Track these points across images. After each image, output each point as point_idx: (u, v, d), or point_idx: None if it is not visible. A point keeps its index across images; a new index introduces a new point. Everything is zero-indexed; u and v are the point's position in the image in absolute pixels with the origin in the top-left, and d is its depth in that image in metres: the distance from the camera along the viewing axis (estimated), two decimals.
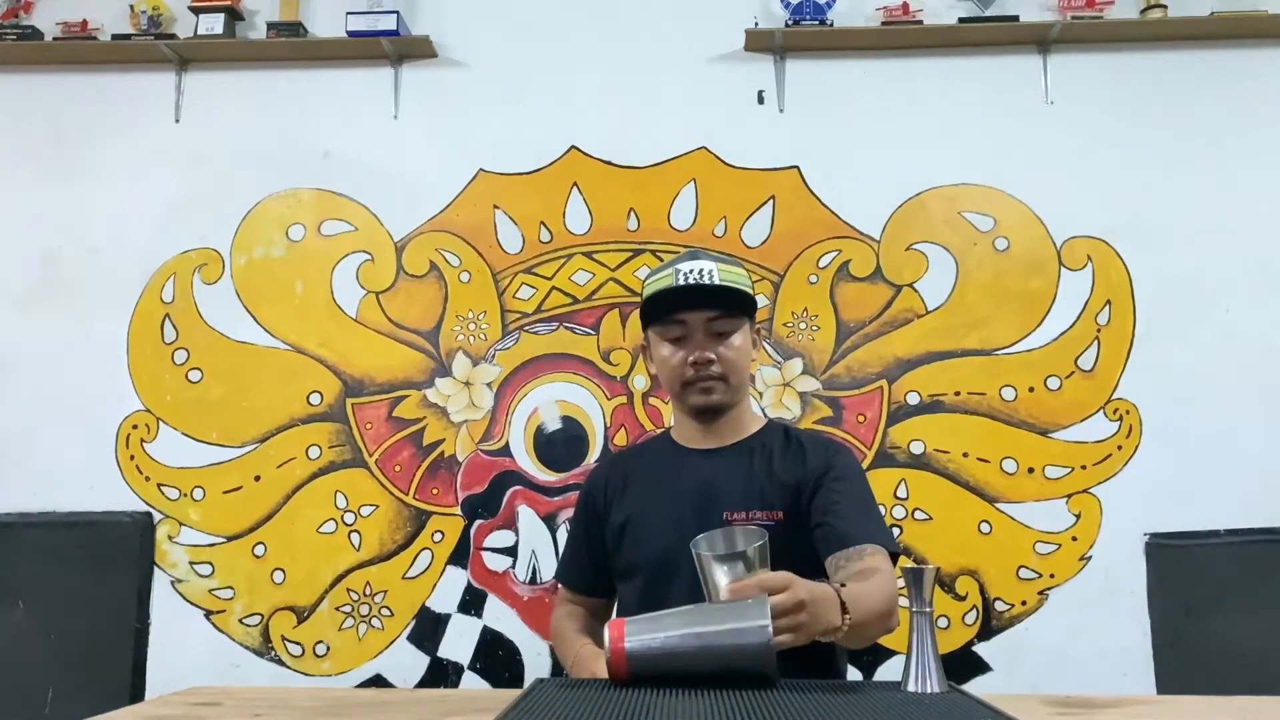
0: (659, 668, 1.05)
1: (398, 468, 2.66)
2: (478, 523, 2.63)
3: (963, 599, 2.55)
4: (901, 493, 2.60)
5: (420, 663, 2.58)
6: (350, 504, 2.64)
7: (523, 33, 2.84)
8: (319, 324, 2.73)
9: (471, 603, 2.59)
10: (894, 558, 1.37)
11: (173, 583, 2.63)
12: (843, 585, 1.19)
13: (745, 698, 1.17)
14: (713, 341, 1.42)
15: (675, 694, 1.22)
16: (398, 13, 2.75)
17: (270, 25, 2.82)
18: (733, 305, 1.43)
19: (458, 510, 2.64)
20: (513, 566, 2.61)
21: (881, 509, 2.59)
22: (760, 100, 2.79)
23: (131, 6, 2.86)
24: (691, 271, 1.41)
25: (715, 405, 1.46)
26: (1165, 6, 2.69)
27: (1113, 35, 2.74)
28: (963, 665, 2.50)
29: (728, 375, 1.43)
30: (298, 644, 2.60)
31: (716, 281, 1.41)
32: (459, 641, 2.58)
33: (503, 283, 2.73)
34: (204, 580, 2.63)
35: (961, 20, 2.74)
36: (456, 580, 2.60)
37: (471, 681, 2.55)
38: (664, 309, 1.44)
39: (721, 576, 1.12)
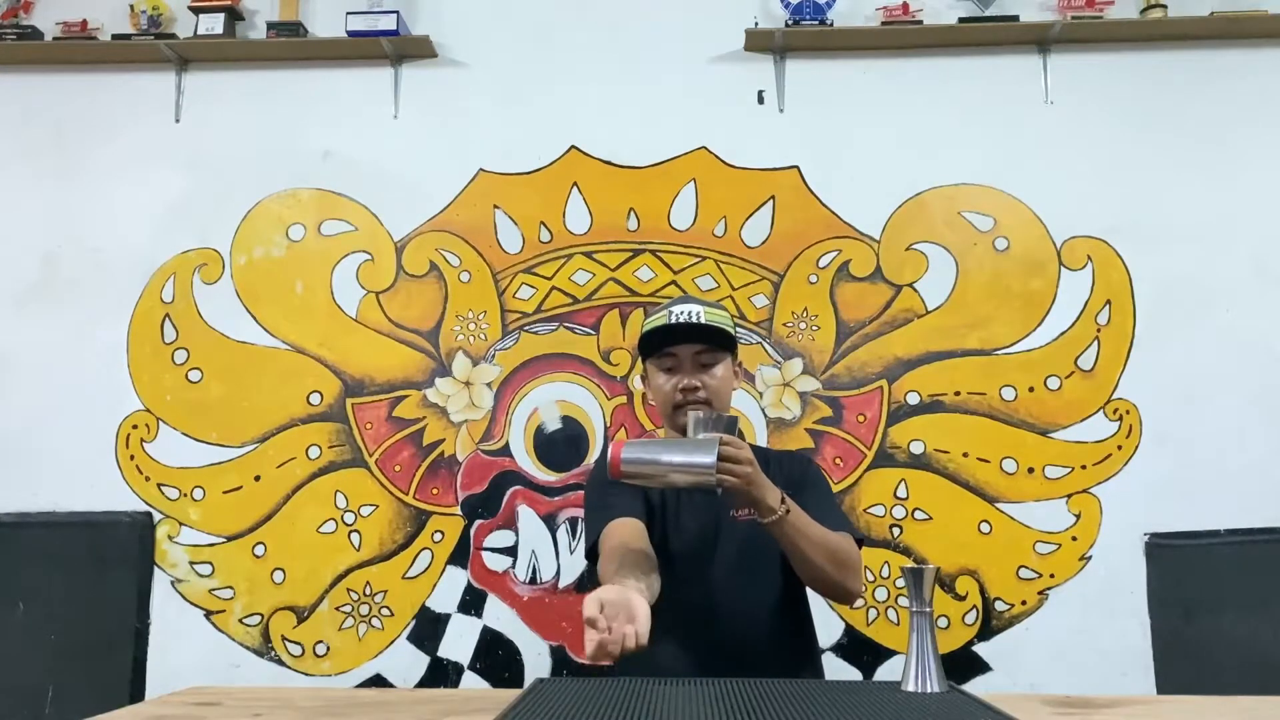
0: (640, 470, 1.39)
1: (398, 468, 2.66)
2: (478, 523, 2.63)
3: (963, 599, 2.55)
4: (901, 493, 2.60)
5: (420, 663, 2.58)
6: (350, 504, 2.65)
7: (523, 33, 2.84)
8: (319, 324, 2.73)
9: (471, 603, 2.59)
10: (860, 544, 1.63)
11: (173, 583, 2.63)
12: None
13: (744, 697, 1.17)
14: (699, 371, 1.66)
15: (674, 694, 1.22)
16: (398, 13, 2.75)
17: (270, 25, 2.82)
18: (716, 341, 1.67)
19: (458, 510, 2.64)
20: (513, 566, 2.61)
21: (880, 509, 2.60)
22: (760, 100, 2.79)
23: (131, 6, 2.87)
24: (683, 313, 1.67)
25: None
26: (1165, 6, 2.69)
27: (1113, 35, 2.75)
28: (963, 665, 2.50)
29: (711, 400, 1.65)
30: (298, 644, 2.60)
31: (703, 321, 1.65)
32: (459, 641, 2.58)
33: (503, 283, 2.74)
34: (204, 580, 2.63)
35: (961, 20, 2.74)
36: (456, 580, 2.61)
37: (471, 681, 2.56)
38: (659, 344, 1.67)
39: (700, 434, 1.47)
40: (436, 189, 2.78)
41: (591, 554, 1.63)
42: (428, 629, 2.59)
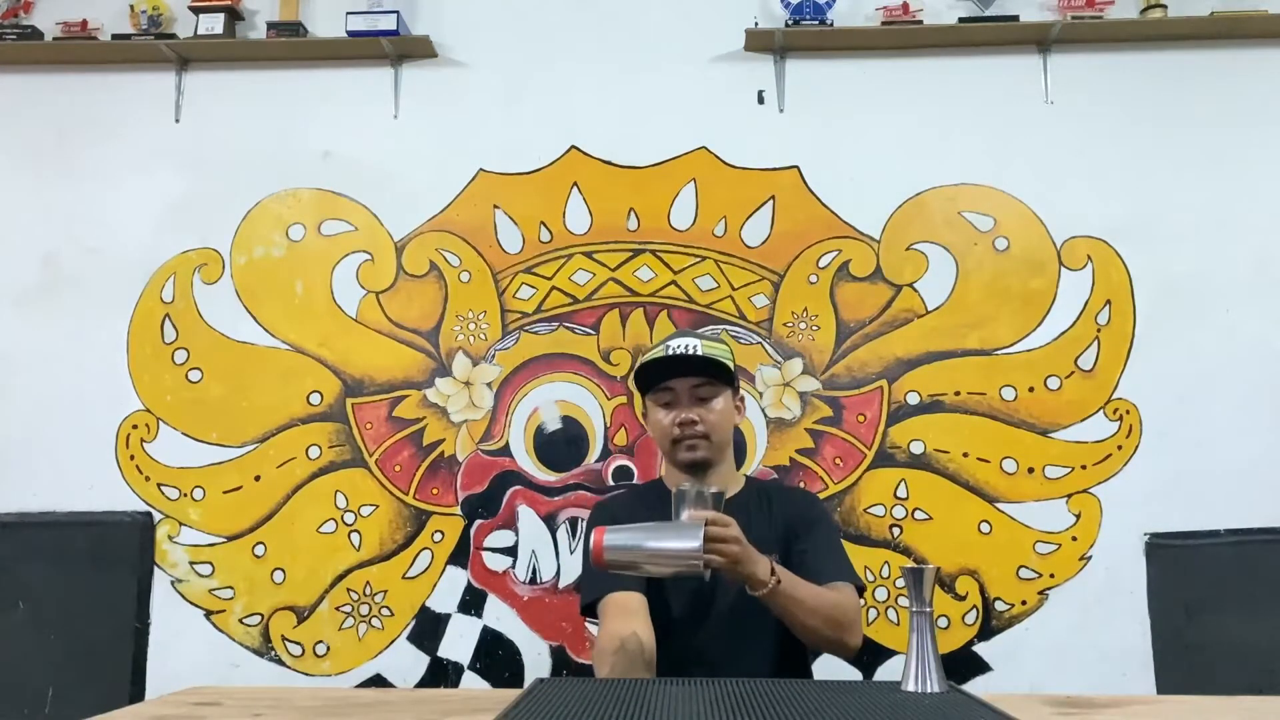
0: (624, 560, 1.36)
1: (398, 468, 2.66)
2: (478, 522, 2.63)
3: (963, 599, 2.55)
4: (901, 493, 2.60)
5: (420, 663, 2.58)
6: (350, 504, 2.64)
7: (523, 33, 2.84)
8: (319, 324, 2.73)
9: (471, 603, 2.59)
10: (860, 591, 1.60)
11: (173, 583, 2.63)
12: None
13: (744, 697, 1.17)
14: (697, 405, 1.65)
15: (674, 694, 1.22)
16: (398, 13, 2.75)
17: (270, 25, 2.82)
18: (714, 374, 1.65)
19: (458, 510, 2.64)
20: (513, 566, 2.61)
21: (880, 509, 2.60)
22: (760, 100, 2.79)
23: (131, 6, 2.86)
24: (679, 346, 1.66)
25: (700, 460, 1.66)
26: (1165, 6, 2.69)
27: (1113, 35, 2.74)
28: (963, 665, 2.50)
29: (709, 434, 1.64)
30: (298, 644, 2.60)
31: (700, 354, 1.64)
32: (459, 641, 2.58)
33: (503, 283, 2.74)
34: (204, 580, 2.63)
35: (961, 20, 2.74)
36: (456, 580, 2.60)
37: (471, 681, 2.55)
38: (655, 377, 1.67)
39: (684, 511, 1.43)
40: (436, 189, 2.78)
41: (588, 609, 1.62)
42: (428, 629, 2.59)
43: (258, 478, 2.67)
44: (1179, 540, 2.54)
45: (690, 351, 1.64)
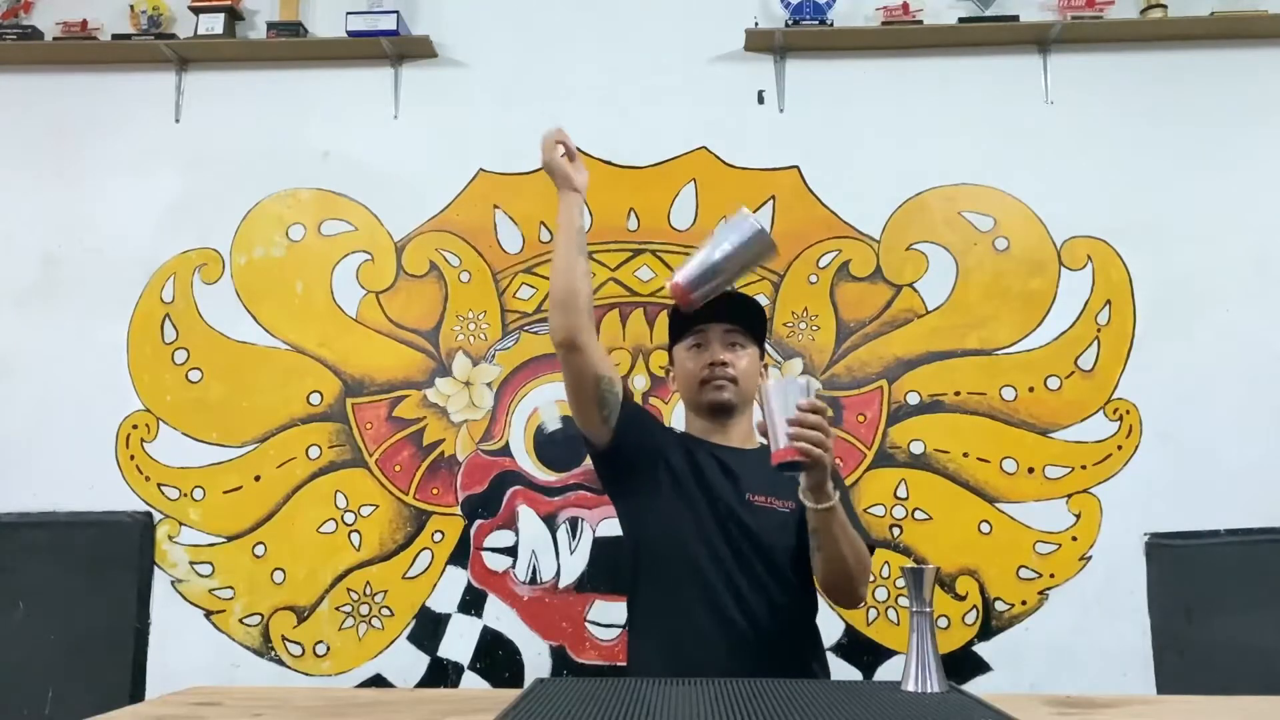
0: (705, 280, 1.47)
1: (398, 468, 2.66)
2: (478, 522, 2.63)
3: (963, 599, 2.55)
4: (901, 493, 2.60)
5: (420, 663, 2.58)
6: (350, 504, 2.64)
7: (523, 33, 2.84)
8: (319, 324, 2.73)
9: (471, 603, 2.59)
10: (871, 550, 1.56)
11: (173, 583, 2.63)
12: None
13: (744, 697, 1.17)
14: (727, 350, 1.63)
15: (674, 694, 1.22)
16: (398, 13, 2.75)
17: (270, 25, 2.82)
18: (745, 323, 1.66)
19: (458, 510, 2.64)
20: (513, 566, 2.61)
21: (880, 509, 2.60)
22: (760, 100, 2.79)
23: (131, 6, 2.87)
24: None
25: (725, 402, 1.63)
26: (1165, 6, 2.70)
27: (1113, 35, 2.75)
28: (963, 665, 2.50)
29: (738, 379, 1.62)
30: (298, 644, 2.60)
31: (734, 295, 1.64)
32: (459, 641, 2.58)
33: (503, 283, 2.74)
34: (204, 580, 2.63)
35: (961, 20, 2.74)
36: (456, 580, 2.61)
37: (471, 681, 2.55)
38: (688, 321, 1.64)
39: (792, 399, 1.41)
40: (436, 189, 2.78)
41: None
42: (428, 629, 2.59)
43: (258, 478, 2.67)
44: (1179, 540, 2.54)
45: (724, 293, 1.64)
